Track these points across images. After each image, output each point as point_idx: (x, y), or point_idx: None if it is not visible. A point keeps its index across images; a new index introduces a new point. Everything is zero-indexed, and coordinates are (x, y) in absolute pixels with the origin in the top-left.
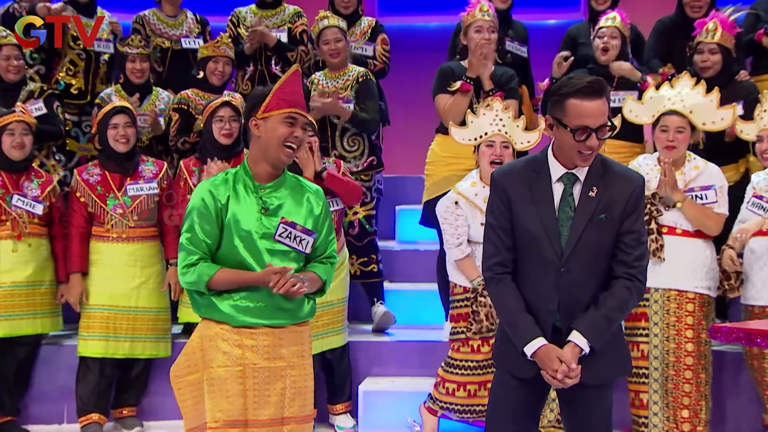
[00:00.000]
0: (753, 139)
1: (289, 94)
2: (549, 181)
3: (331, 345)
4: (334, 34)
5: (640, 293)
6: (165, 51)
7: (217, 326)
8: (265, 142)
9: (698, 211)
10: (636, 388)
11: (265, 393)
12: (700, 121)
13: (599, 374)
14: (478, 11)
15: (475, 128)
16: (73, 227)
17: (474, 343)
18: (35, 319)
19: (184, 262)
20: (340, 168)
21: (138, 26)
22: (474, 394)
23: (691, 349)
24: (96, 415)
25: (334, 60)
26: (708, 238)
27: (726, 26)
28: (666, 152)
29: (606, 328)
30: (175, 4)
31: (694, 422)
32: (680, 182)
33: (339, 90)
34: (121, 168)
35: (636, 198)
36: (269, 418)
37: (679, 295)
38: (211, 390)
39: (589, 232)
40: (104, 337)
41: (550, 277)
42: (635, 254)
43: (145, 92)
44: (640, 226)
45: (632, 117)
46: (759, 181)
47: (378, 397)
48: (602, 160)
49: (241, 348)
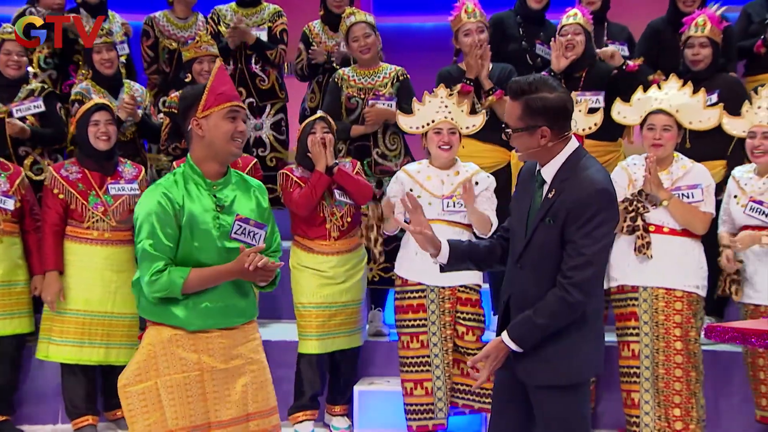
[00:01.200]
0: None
1: (224, 89)
2: (534, 179)
3: (340, 346)
4: (362, 29)
5: (568, 305)
6: (172, 53)
7: (171, 331)
8: (209, 140)
9: (684, 209)
10: (628, 387)
11: (225, 393)
12: (686, 120)
13: (533, 375)
14: (463, 14)
15: (422, 116)
16: (47, 224)
17: (404, 338)
18: (12, 319)
19: (151, 270)
20: (355, 167)
21: (147, 28)
22: (410, 392)
23: (680, 347)
24: (90, 417)
25: (365, 56)
26: (696, 236)
27: (714, 21)
28: (653, 150)
29: (530, 329)
30: (188, 6)
31: (686, 420)
32: (667, 181)
33: (378, 87)
34: (101, 167)
35: (581, 206)
36: (232, 418)
37: (666, 294)
38: (170, 397)
39: (538, 233)
40: (79, 342)
41: (512, 271)
42: (570, 264)
43: (117, 85)
44: (582, 236)
45: (620, 118)
46: (746, 181)
47: (373, 397)
48: (577, 164)
49: (197, 353)
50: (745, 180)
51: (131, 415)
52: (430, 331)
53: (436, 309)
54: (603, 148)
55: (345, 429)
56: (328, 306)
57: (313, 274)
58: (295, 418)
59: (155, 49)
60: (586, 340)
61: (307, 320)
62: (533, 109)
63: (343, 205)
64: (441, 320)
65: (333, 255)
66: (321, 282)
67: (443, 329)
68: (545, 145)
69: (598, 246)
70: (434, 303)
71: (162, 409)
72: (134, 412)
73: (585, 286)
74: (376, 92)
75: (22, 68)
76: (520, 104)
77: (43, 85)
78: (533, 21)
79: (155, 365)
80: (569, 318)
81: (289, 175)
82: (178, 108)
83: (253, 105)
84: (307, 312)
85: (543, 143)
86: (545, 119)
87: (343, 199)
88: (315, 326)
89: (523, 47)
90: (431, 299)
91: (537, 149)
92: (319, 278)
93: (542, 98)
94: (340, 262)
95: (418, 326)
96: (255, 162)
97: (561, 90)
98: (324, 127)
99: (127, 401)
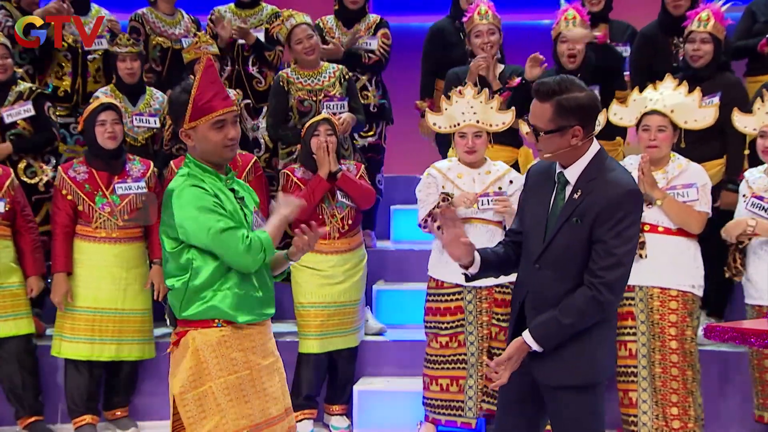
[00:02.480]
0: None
1: (208, 97)
2: (554, 180)
3: (338, 345)
4: (304, 31)
5: (600, 304)
6: (165, 51)
7: (218, 332)
8: (201, 150)
9: (679, 208)
10: (625, 387)
11: (271, 390)
12: (681, 120)
13: (551, 375)
14: (476, 15)
15: (449, 116)
16: (58, 225)
17: (443, 339)
18: (8, 321)
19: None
20: (359, 170)
21: (137, 24)
22: (446, 389)
23: (676, 346)
24: (89, 417)
25: (310, 57)
26: (691, 236)
27: (718, 17)
28: (648, 152)
29: (555, 329)
30: (171, 3)
31: (684, 419)
32: (663, 181)
33: (327, 88)
34: (108, 166)
35: (612, 207)
36: (279, 414)
37: (662, 293)
38: (227, 399)
39: (562, 233)
40: (90, 339)
41: (528, 271)
42: (601, 264)
43: (138, 92)
44: (612, 237)
45: (616, 119)
46: (755, 179)
47: (373, 397)
48: (602, 164)
49: (244, 351)
50: (755, 179)
51: (191, 422)
52: (467, 330)
53: (474, 309)
54: None
55: (344, 429)
56: (326, 306)
57: (313, 274)
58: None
59: (145, 46)
60: (605, 340)
61: (307, 320)
62: (566, 108)
63: (345, 207)
64: (478, 320)
65: (333, 254)
66: (320, 282)
67: (480, 329)
68: (575, 145)
69: (629, 246)
70: (471, 304)
71: (221, 413)
72: (193, 419)
73: (616, 286)
74: (327, 93)
75: (8, 70)
76: (551, 105)
77: (31, 87)
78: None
79: (207, 369)
80: (597, 318)
81: (290, 176)
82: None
83: (249, 106)
84: (306, 312)
85: (574, 143)
86: (578, 118)
87: (344, 201)
88: (314, 326)
89: (466, 52)
90: (468, 300)
91: (566, 150)
92: (319, 278)
93: (575, 98)
94: (339, 261)
95: (455, 327)
96: (255, 160)
97: (588, 89)
98: (328, 129)
99: (185, 408)
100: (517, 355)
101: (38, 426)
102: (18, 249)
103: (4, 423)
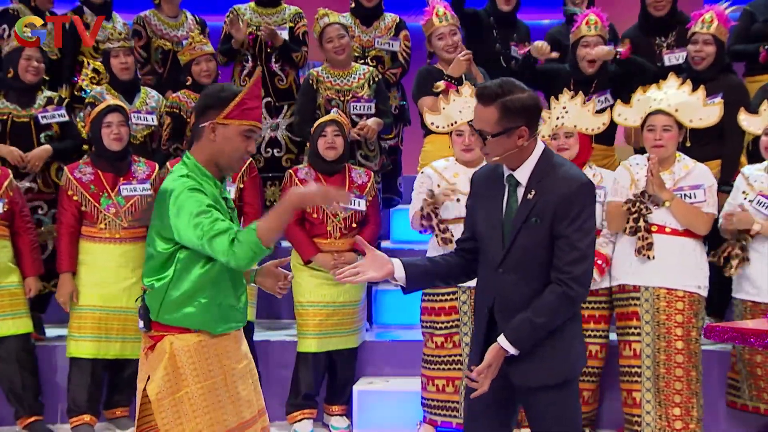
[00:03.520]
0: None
1: (253, 105)
2: (502, 183)
3: (337, 346)
4: (336, 30)
5: (571, 299)
6: (166, 53)
7: (195, 338)
8: (218, 148)
9: (687, 210)
10: (628, 387)
11: (244, 393)
12: (686, 119)
13: (530, 377)
14: (434, 18)
15: (446, 115)
16: (63, 225)
17: (438, 340)
18: (5, 321)
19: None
20: (370, 179)
21: (139, 27)
22: (442, 389)
23: (681, 347)
24: (87, 416)
25: (340, 57)
26: (697, 237)
27: (722, 19)
28: (654, 151)
29: (530, 330)
30: (175, 5)
31: (686, 420)
32: (669, 182)
33: (355, 89)
34: (114, 167)
35: (569, 202)
36: (252, 417)
37: (668, 294)
38: (204, 404)
39: (522, 235)
40: (96, 337)
41: (491, 277)
42: (566, 260)
43: (133, 90)
44: (573, 231)
45: (620, 120)
46: (756, 177)
47: (372, 397)
48: (550, 162)
49: (219, 356)
50: (755, 177)
51: (167, 428)
52: (462, 331)
53: (468, 310)
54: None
55: (344, 429)
56: (325, 305)
57: (313, 274)
58: (293, 417)
59: (147, 49)
60: (577, 335)
61: (306, 319)
62: (512, 110)
63: (349, 210)
64: (472, 321)
65: (334, 253)
66: (320, 281)
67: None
68: (521, 146)
69: (590, 238)
70: (466, 304)
71: (196, 419)
72: (169, 425)
73: (584, 279)
74: (355, 94)
75: (40, 74)
76: (496, 108)
77: (60, 95)
78: (505, 23)
79: (184, 375)
80: (570, 313)
81: (293, 176)
82: (198, 102)
83: (270, 104)
84: (305, 311)
85: (521, 144)
86: (523, 119)
87: (349, 206)
88: (313, 325)
89: (497, 49)
90: (463, 300)
91: (514, 151)
92: (318, 277)
93: (518, 99)
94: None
95: (450, 327)
96: (251, 161)
97: (528, 89)
98: (335, 130)
99: (161, 414)
100: (496, 362)
101: (38, 426)
102: (16, 249)
103: (4, 423)
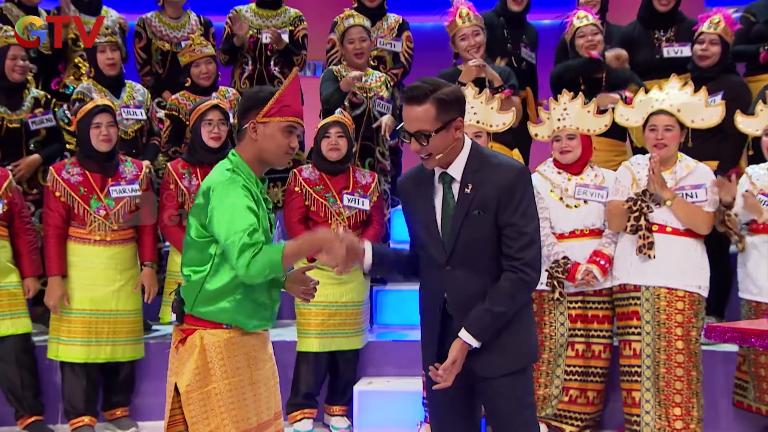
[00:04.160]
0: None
1: (291, 102)
2: (432, 182)
3: (340, 346)
4: (359, 33)
5: (527, 284)
6: (165, 54)
7: (227, 334)
8: (261, 147)
9: (688, 209)
10: (628, 386)
11: (265, 394)
12: (688, 119)
13: (492, 366)
14: (458, 19)
15: None
16: (50, 227)
17: None
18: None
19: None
20: (373, 180)
21: (140, 29)
22: None
23: (682, 347)
24: (87, 418)
25: (359, 60)
26: (698, 236)
27: (729, 21)
28: (656, 151)
29: (490, 320)
30: (178, 6)
31: (687, 420)
32: (671, 181)
33: (376, 88)
34: (102, 168)
35: (510, 190)
36: (268, 419)
37: (668, 293)
38: (229, 401)
39: (466, 229)
40: (86, 342)
41: (439, 276)
42: (516, 246)
43: (119, 85)
44: (519, 217)
45: (622, 120)
46: (758, 176)
47: (373, 397)
48: (481, 155)
49: (247, 354)
50: (758, 176)
51: (194, 421)
52: None
53: None
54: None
55: (344, 429)
56: (327, 305)
57: (316, 273)
58: (293, 417)
59: (147, 50)
60: (531, 321)
61: (307, 318)
62: (447, 102)
63: (352, 210)
64: None
65: None
66: (323, 281)
67: None
68: (459, 138)
69: (535, 223)
70: None
71: (222, 414)
72: (196, 418)
73: (535, 262)
74: (377, 92)
75: (26, 72)
76: (432, 104)
77: (46, 95)
78: (515, 23)
79: (212, 370)
80: (526, 298)
81: (297, 175)
82: (239, 105)
83: None
84: (306, 310)
85: (458, 136)
86: (457, 110)
87: (352, 205)
88: (314, 325)
89: (508, 50)
90: None
91: (452, 145)
92: (322, 277)
93: (450, 91)
94: None
95: None
96: None
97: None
98: (338, 131)
99: (189, 407)
100: (461, 357)
101: (38, 426)
102: (15, 250)
103: (4, 423)
